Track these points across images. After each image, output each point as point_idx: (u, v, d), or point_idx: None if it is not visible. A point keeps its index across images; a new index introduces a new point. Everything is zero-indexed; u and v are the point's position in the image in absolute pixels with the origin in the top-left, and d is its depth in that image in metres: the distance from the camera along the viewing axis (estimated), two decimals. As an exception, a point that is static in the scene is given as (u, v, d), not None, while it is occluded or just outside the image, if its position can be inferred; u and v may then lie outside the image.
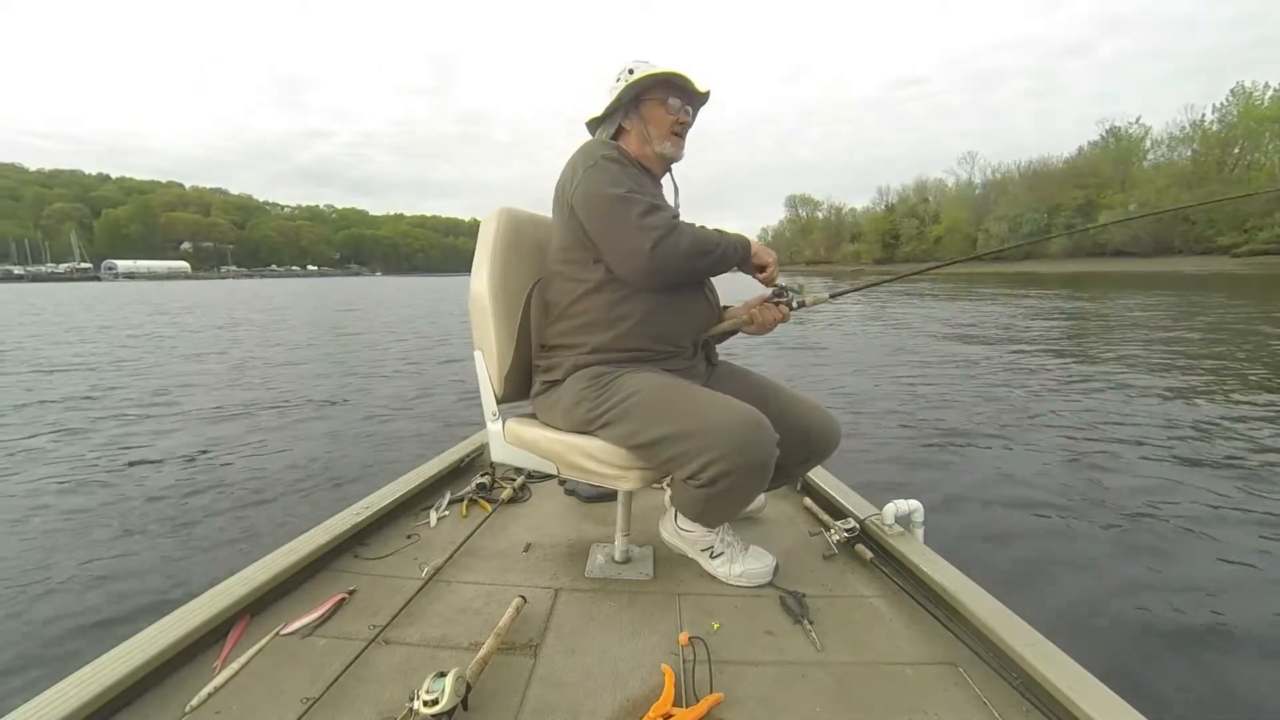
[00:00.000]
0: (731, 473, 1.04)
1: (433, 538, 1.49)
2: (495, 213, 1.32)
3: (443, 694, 0.80)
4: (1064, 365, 6.02)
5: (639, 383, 1.15)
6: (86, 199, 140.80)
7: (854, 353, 7.27)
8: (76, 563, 2.15)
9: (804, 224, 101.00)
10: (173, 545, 2.33)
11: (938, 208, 72.35)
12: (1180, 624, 1.72)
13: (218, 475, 3.12)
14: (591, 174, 1.16)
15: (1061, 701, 0.87)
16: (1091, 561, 2.09)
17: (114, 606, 1.88)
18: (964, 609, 1.10)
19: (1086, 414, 4.06)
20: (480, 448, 2.05)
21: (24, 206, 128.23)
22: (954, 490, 2.75)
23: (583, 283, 1.21)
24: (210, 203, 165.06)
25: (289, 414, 4.53)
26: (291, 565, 1.21)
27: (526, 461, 1.31)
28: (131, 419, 4.40)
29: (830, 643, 1.08)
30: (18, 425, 4.21)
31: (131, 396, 5.19)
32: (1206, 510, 2.47)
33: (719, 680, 0.97)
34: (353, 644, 1.04)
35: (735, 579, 1.27)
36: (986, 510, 2.53)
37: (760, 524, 1.56)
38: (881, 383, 5.37)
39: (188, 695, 0.91)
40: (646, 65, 1.25)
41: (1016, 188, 59.87)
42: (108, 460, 3.41)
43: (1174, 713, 1.39)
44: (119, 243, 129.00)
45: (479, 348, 1.31)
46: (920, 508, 1.37)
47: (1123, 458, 3.16)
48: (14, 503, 2.76)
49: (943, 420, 4.00)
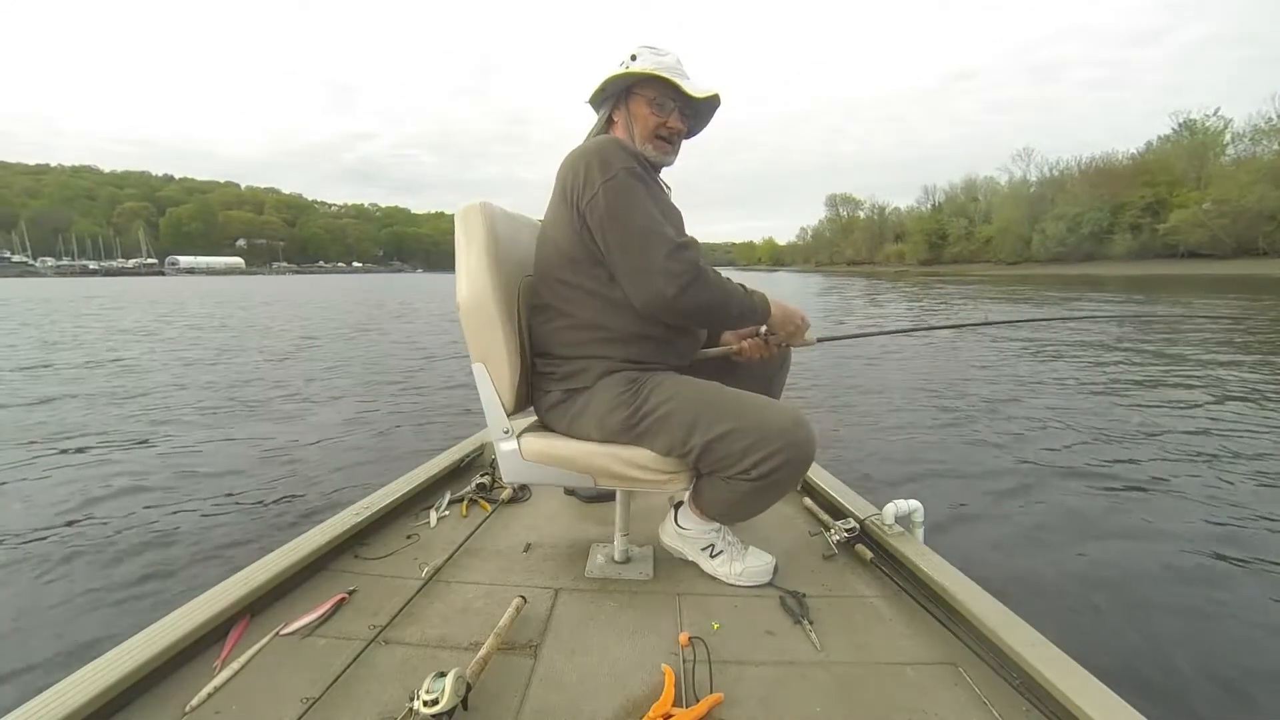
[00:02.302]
0: (785, 465, 1.06)
1: (433, 538, 1.49)
2: (477, 207, 1.18)
3: (443, 694, 0.80)
4: (1079, 367, 6.01)
5: (675, 385, 1.14)
6: (153, 198, 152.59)
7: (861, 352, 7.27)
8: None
9: (845, 223, 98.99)
10: (200, 531, 2.36)
11: (988, 207, 66.83)
12: (1181, 624, 1.72)
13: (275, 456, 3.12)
14: (612, 191, 1.07)
15: (1061, 701, 0.87)
16: (1092, 561, 2.09)
17: (116, 604, 1.88)
18: (964, 609, 1.10)
19: (1088, 413, 4.07)
20: (480, 448, 2.05)
21: (99, 205, 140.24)
22: (954, 490, 2.75)
23: (599, 297, 1.15)
24: (263, 201, 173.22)
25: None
26: (291, 565, 1.21)
27: (548, 477, 1.23)
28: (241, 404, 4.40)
29: (830, 643, 1.08)
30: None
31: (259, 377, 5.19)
32: (1206, 509, 2.47)
33: (719, 680, 0.97)
34: (353, 644, 1.04)
35: (735, 578, 1.27)
36: (987, 510, 2.53)
37: (760, 524, 1.55)
38: (889, 380, 5.37)
39: (188, 695, 0.91)
40: (650, 54, 1.18)
41: (1077, 185, 53.93)
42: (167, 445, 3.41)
43: (1174, 712, 1.39)
44: (181, 239, 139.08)
45: (480, 360, 1.19)
46: (920, 508, 1.37)
47: (1124, 456, 3.16)
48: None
49: (943, 419, 4.00)
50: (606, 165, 1.08)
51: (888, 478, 2.94)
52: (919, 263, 71.37)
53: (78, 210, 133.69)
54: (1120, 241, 45.67)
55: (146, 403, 4.95)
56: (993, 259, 59.46)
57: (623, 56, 1.21)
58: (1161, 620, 1.73)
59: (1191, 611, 1.77)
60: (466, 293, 1.16)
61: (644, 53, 1.19)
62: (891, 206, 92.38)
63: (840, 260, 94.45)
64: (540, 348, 1.25)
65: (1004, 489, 2.74)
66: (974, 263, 62.65)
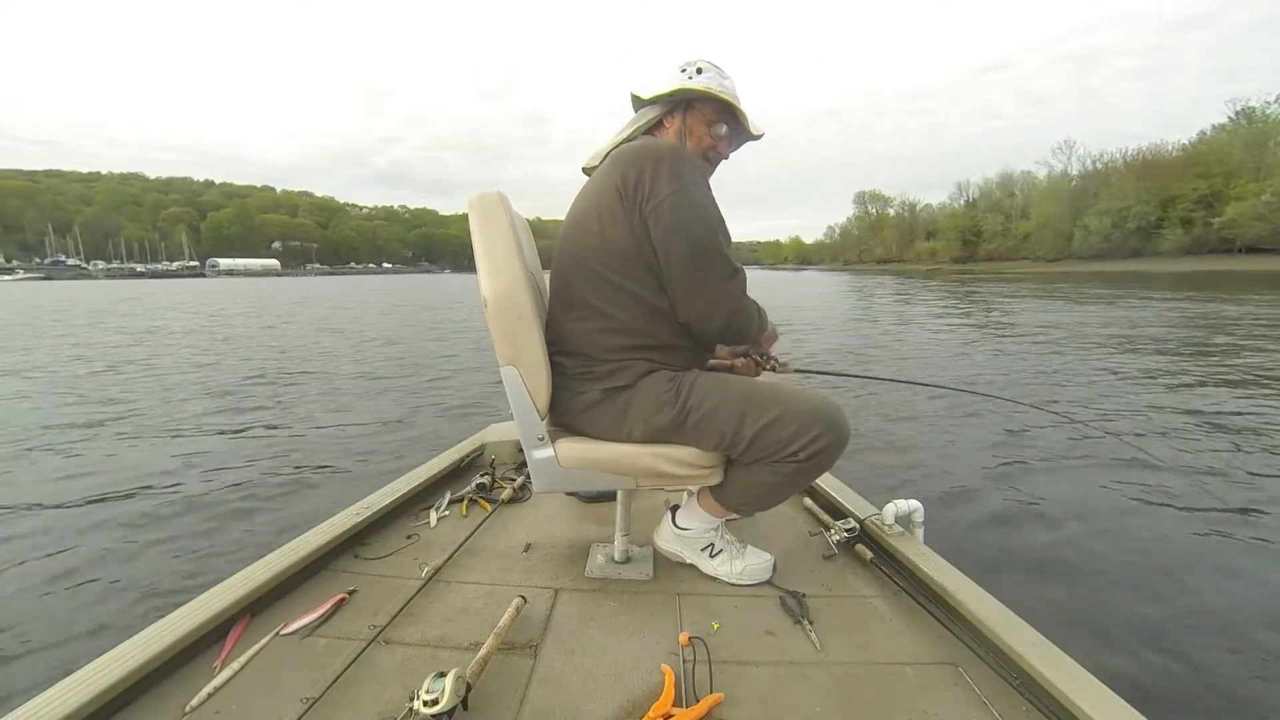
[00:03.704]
0: (831, 446, 1.10)
1: (433, 538, 1.49)
2: (495, 195, 1.11)
3: (443, 694, 0.80)
4: (1082, 361, 6.01)
5: (713, 381, 1.15)
6: (195, 203, 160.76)
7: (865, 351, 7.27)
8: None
9: (874, 221, 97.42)
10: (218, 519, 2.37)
11: (1025, 202, 64.04)
12: (1182, 624, 1.72)
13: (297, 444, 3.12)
14: (682, 203, 1.04)
15: (1061, 701, 0.87)
16: (1093, 561, 2.09)
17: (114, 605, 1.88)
18: (964, 609, 1.10)
19: (1092, 412, 4.06)
20: (480, 447, 2.05)
21: (145, 211, 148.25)
22: (954, 490, 2.75)
23: (644, 304, 1.13)
24: (297, 204, 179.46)
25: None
26: (291, 565, 1.21)
27: (584, 483, 1.20)
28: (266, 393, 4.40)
29: (830, 643, 1.08)
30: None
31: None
32: (1207, 506, 2.47)
33: (719, 680, 0.97)
34: (353, 644, 1.04)
35: (735, 577, 1.27)
36: (987, 510, 2.53)
37: (760, 524, 1.56)
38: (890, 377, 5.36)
39: (188, 695, 0.91)
40: (715, 74, 1.18)
41: (1122, 178, 51.29)
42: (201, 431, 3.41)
43: (1174, 712, 1.39)
44: (221, 242, 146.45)
45: (510, 362, 1.10)
46: (920, 508, 1.37)
47: (1123, 456, 3.16)
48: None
49: (945, 417, 4.00)
50: (678, 174, 1.05)
51: (887, 477, 2.94)
52: (952, 260, 70.20)
53: (126, 216, 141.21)
54: (1170, 236, 43.66)
55: (171, 400, 4.96)
56: (1031, 256, 57.54)
57: (685, 65, 1.20)
58: (1164, 620, 1.73)
59: (1193, 611, 1.77)
60: (496, 289, 1.07)
61: (710, 69, 1.19)
62: (923, 203, 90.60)
63: (870, 258, 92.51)
64: (571, 346, 1.18)
65: (1004, 488, 2.74)
66: (1010, 260, 60.52)
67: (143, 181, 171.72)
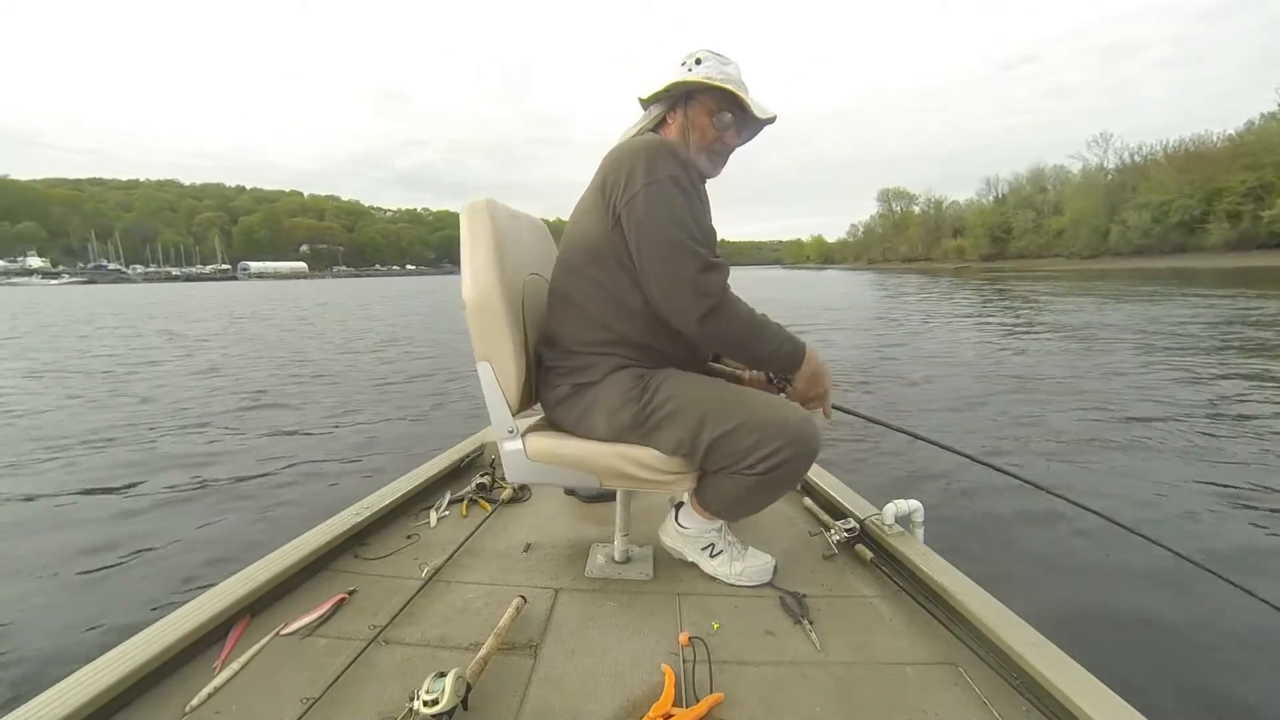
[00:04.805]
0: (791, 461, 1.06)
1: (433, 538, 1.49)
2: (482, 204, 1.16)
3: (443, 694, 0.80)
4: (1082, 356, 5.99)
5: (682, 381, 1.14)
6: (227, 208, 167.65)
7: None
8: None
9: (898, 219, 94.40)
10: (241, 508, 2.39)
11: (1058, 197, 61.20)
12: (1183, 623, 1.72)
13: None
14: (654, 196, 1.04)
15: (1061, 701, 0.87)
16: (1093, 560, 2.09)
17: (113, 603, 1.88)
18: (964, 609, 1.10)
19: (1092, 410, 4.06)
20: (480, 447, 2.05)
21: (180, 216, 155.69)
22: (955, 490, 2.75)
23: (615, 300, 1.13)
24: (324, 208, 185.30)
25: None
26: (291, 565, 1.21)
27: (552, 477, 1.22)
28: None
29: (830, 643, 1.08)
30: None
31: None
32: (1206, 505, 2.47)
33: (719, 680, 0.97)
34: (353, 644, 1.04)
35: (735, 577, 1.27)
36: (987, 510, 2.53)
37: (760, 524, 1.56)
38: (889, 378, 5.36)
39: (188, 695, 0.91)
40: (715, 62, 1.15)
41: (1163, 171, 48.29)
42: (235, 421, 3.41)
43: (1174, 712, 1.39)
44: (252, 246, 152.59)
45: (485, 358, 1.17)
46: (920, 508, 1.37)
47: (1125, 454, 3.16)
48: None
49: (944, 418, 4.00)
50: (652, 168, 1.05)
51: (887, 477, 2.94)
52: (980, 258, 67.23)
53: (162, 221, 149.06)
54: (1216, 231, 40.58)
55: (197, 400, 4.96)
56: (1064, 253, 55.21)
57: (683, 56, 1.17)
58: (1164, 620, 1.73)
59: (1194, 611, 1.77)
60: (473, 291, 1.14)
61: (709, 58, 1.15)
62: (949, 200, 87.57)
63: (894, 257, 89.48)
64: (551, 339, 1.23)
65: (1005, 487, 2.74)
66: (1042, 257, 58.01)
67: (178, 188, 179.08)
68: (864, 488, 1.61)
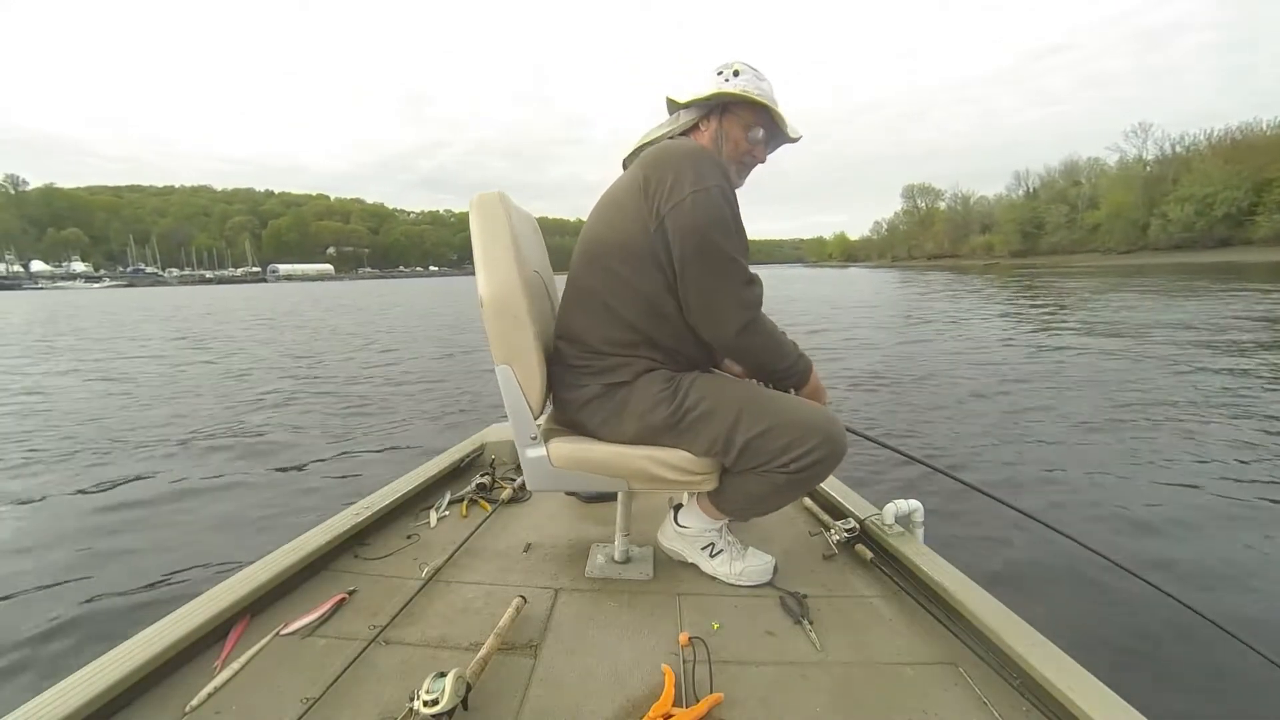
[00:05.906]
0: (823, 460, 1.08)
1: (433, 538, 1.49)
2: (496, 196, 1.12)
3: (443, 694, 0.80)
4: (1085, 354, 5.97)
5: (713, 382, 1.15)
6: (257, 212, 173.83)
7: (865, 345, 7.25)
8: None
9: (924, 215, 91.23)
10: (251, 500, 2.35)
11: (1093, 191, 58.02)
12: (1183, 623, 1.71)
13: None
14: (702, 205, 1.03)
15: (1061, 701, 0.87)
16: (1093, 560, 2.08)
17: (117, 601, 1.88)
18: (964, 609, 1.10)
19: (1092, 408, 4.06)
20: (480, 447, 2.05)
21: (213, 221, 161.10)
22: (955, 490, 2.74)
23: (648, 304, 1.12)
24: (350, 211, 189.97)
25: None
26: (292, 565, 1.21)
27: (576, 484, 1.20)
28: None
29: (830, 643, 1.08)
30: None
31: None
32: (1205, 504, 2.46)
33: (719, 680, 0.97)
34: (353, 644, 1.04)
35: (735, 578, 1.27)
36: (987, 510, 2.53)
37: (760, 524, 1.56)
38: (889, 369, 5.36)
39: (188, 695, 0.91)
40: (752, 76, 1.16)
41: (1207, 162, 45.70)
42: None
43: (1174, 712, 1.39)
44: (281, 249, 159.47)
45: (505, 361, 1.11)
46: (920, 508, 1.37)
47: (1124, 453, 3.15)
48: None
49: (944, 418, 4.00)
50: (701, 176, 1.05)
51: (887, 477, 2.94)
52: (1010, 254, 64.21)
53: (197, 225, 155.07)
54: (1266, 223, 38.57)
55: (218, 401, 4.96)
56: (1100, 248, 52.61)
57: (722, 67, 1.18)
58: (1164, 619, 1.73)
59: (1196, 612, 1.77)
60: (492, 290, 1.08)
61: (746, 71, 1.16)
62: (976, 195, 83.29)
63: (919, 254, 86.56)
64: (575, 336, 1.19)
65: (1006, 488, 2.74)
66: (1075, 253, 55.31)
67: (211, 193, 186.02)
68: (864, 488, 1.61)
